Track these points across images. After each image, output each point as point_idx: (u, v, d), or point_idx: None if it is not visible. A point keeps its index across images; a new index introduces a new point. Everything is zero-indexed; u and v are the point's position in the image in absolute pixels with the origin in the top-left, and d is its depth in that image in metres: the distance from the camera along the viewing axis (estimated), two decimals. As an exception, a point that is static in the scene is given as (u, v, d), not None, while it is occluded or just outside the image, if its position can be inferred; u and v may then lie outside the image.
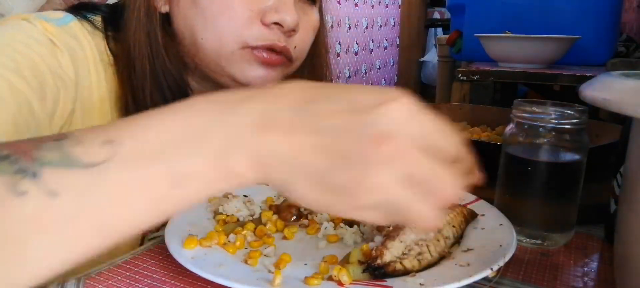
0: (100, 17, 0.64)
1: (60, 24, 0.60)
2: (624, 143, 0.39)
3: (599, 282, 0.45)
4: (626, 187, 0.37)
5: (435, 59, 3.19)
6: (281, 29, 0.60)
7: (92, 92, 0.60)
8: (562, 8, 1.55)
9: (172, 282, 0.42)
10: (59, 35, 0.58)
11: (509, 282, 0.44)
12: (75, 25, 0.61)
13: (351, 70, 3.49)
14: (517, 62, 1.39)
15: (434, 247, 0.43)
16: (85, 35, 0.61)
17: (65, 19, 0.61)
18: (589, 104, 0.35)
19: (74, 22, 0.61)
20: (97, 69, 0.61)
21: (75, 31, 0.60)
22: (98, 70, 0.61)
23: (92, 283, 0.42)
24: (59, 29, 0.59)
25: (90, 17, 0.63)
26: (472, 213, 0.50)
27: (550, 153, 0.49)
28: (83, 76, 0.59)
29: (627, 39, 1.85)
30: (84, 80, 0.59)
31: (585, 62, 1.51)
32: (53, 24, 0.58)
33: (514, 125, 0.51)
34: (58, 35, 0.58)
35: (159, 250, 0.48)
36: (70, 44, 0.58)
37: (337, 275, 0.39)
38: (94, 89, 0.60)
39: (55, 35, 0.57)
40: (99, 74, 0.61)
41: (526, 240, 0.51)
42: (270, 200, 0.57)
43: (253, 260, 0.43)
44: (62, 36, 0.58)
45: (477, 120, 0.93)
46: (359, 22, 3.54)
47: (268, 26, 0.59)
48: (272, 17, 0.58)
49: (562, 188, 0.50)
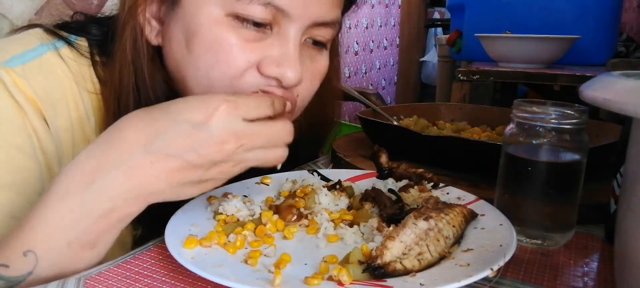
0: (85, 41, 0.60)
1: (30, 58, 0.55)
2: (624, 143, 0.39)
3: (599, 282, 0.45)
4: (626, 187, 0.37)
5: (435, 59, 3.20)
6: (280, 85, 0.53)
7: (73, 129, 0.57)
8: (562, 8, 1.55)
9: (172, 282, 0.42)
10: (28, 85, 0.54)
11: (509, 282, 0.44)
12: (51, 56, 0.57)
13: (351, 70, 3.49)
14: (517, 62, 1.39)
15: (434, 247, 0.43)
16: (62, 68, 0.57)
17: (39, 50, 0.57)
18: (589, 104, 0.35)
19: (50, 54, 0.57)
20: (77, 104, 0.57)
21: (51, 64, 0.56)
22: (78, 106, 0.57)
23: (92, 283, 0.42)
24: (29, 69, 0.54)
25: (75, 41, 0.59)
26: (472, 213, 0.50)
27: (550, 153, 0.49)
28: (62, 120, 0.56)
29: (627, 39, 1.85)
30: (64, 123, 0.56)
31: (585, 62, 1.51)
32: (22, 67, 0.54)
33: (514, 125, 0.51)
34: (28, 87, 0.53)
35: (159, 250, 0.48)
36: (42, 85, 0.55)
37: (337, 275, 0.39)
38: (75, 125, 0.57)
39: (24, 89, 0.53)
40: (79, 109, 0.57)
41: (526, 240, 0.51)
42: (270, 200, 0.57)
43: (253, 260, 0.43)
44: (33, 82, 0.54)
45: (477, 120, 0.93)
46: (359, 22, 3.54)
47: (266, 78, 0.53)
48: (272, 71, 0.52)
49: (562, 188, 0.50)
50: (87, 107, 0.58)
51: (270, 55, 0.52)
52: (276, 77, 0.52)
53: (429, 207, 0.48)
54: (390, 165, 0.64)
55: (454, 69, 2.26)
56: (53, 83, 0.56)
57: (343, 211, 0.54)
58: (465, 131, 0.86)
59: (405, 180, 0.60)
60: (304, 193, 0.55)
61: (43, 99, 0.54)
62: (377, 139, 0.81)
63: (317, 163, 0.80)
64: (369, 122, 0.82)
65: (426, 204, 0.49)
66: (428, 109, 0.99)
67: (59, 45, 0.58)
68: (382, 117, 0.89)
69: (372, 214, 0.52)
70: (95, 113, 0.59)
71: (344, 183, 0.60)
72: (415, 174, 0.61)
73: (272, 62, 0.52)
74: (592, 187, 0.55)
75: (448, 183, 0.61)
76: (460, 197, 0.57)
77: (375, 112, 0.92)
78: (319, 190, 0.55)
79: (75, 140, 0.58)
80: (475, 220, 0.50)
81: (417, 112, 0.95)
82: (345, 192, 0.57)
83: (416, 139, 0.74)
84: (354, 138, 0.91)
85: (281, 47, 0.52)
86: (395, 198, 0.55)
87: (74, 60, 0.58)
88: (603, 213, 0.53)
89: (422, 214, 0.45)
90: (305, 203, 0.54)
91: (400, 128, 0.80)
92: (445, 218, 0.46)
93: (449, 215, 0.46)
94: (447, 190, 0.59)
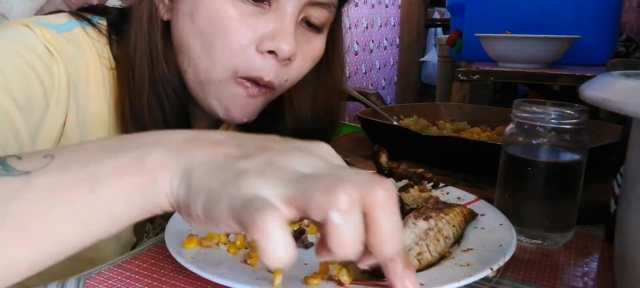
0: (105, 21, 0.63)
1: (61, 30, 0.58)
2: (624, 143, 0.39)
3: (599, 282, 0.45)
4: (626, 187, 0.37)
5: (435, 59, 3.20)
6: (276, 58, 0.56)
7: (89, 100, 0.59)
8: (562, 8, 1.55)
9: (172, 282, 0.42)
10: (57, 43, 0.56)
11: (509, 282, 0.44)
12: (79, 31, 0.60)
13: (351, 70, 3.49)
14: (517, 62, 1.39)
15: (434, 247, 0.43)
16: (88, 42, 0.60)
17: (68, 25, 0.60)
18: (589, 104, 0.35)
19: (78, 29, 0.60)
20: (97, 77, 0.59)
21: (79, 38, 0.59)
22: (98, 79, 0.59)
23: (92, 284, 0.42)
24: (59, 36, 0.57)
25: (96, 21, 0.62)
26: (472, 213, 0.50)
27: (550, 153, 0.49)
28: (81, 86, 0.58)
29: (627, 39, 1.85)
30: (82, 89, 0.58)
31: (585, 62, 1.51)
32: (53, 31, 0.57)
33: (514, 125, 0.51)
34: (57, 44, 0.56)
35: (159, 250, 0.48)
36: (69, 52, 0.57)
37: (337, 275, 0.39)
38: (92, 97, 0.59)
39: (54, 43, 0.56)
40: (99, 82, 0.60)
41: (526, 240, 0.51)
42: (270, 200, 0.57)
43: (253, 260, 0.43)
44: (61, 44, 0.57)
45: (477, 120, 0.93)
46: (359, 22, 3.54)
47: (262, 54, 0.56)
48: (267, 45, 0.55)
49: (562, 188, 0.50)
50: (106, 85, 0.61)
51: (267, 31, 0.56)
52: (272, 50, 0.55)
53: (429, 207, 0.48)
54: (390, 165, 0.64)
55: (454, 69, 2.26)
56: (79, 54, 0.58)
57: (343, 211, 0.54)
58: (465, 131, 0.87)
59: (405, 180, 0.60)
60: (304, 193, 0.55)
61: (68, 61, 0.57)
62: (377, 138, 0.81)
63: (317, 163, 0.79)
64: (369, 122, 0.82)
65: (426, 204, 0.49)
66: (428, 109, 0.99)
67: (85, 25, 0.61)
68: (382, 117, 0.89)
69: (372, 214, 0.52)
70: (109, 89, 0.61)
71: (344, 183, 0.60)
72: (415, 174, 0.61)
73: (267, 37, 0.56)
74: (592, 187, 0.55)
75: (448, 183, 0.61)
76: (460, 197, 0.57)
77: (375, 112, 0.92)
78: (319, 190, 0.55)
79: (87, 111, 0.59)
80: (475, 220, 0.50)
81: (417, 112, 0.95)
82: (345, 192, 0.57)
83: (416, 138, 0.74)
84: (354, 138, 0.91)
85: (278, 21, 0.56)
86: (395, 198, 0.55)
87: (96, 38, 0.61)
88: (603, 213, 0.53)
89: (422, 214, 0.45)
90: (305, 203, 0.54)
91: (400, 128, 0.81)
92: (445, 218, 0.46)
93: (449, 215, 0.46)
94: (447, 190, 0.59)
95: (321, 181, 0.28)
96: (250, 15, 0.56)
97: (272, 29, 0.56)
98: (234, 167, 0.30)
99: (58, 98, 0.56)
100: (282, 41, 0.55)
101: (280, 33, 0.55)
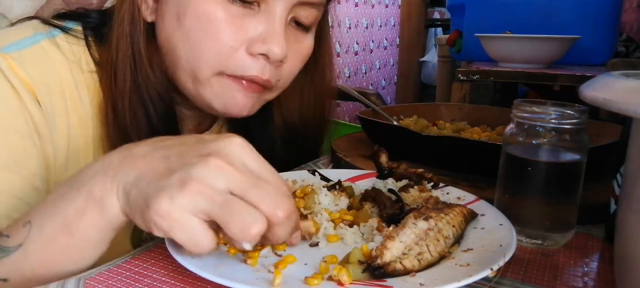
0: (80, 26, 0.61)
1: (26, 45, 0.56)
2: (624, 143, 0.39)
3: (599, 282, 0.45)
4: (626, 187, 0.37)
5: (435, 59, 3.20)
6: (268, 60, 0.56)
7: (69, 114, 0.58)
8: (562, 8, 1.56)
9: (172, 282, 0.42)
10: (25, 69, 0.54)
11: (509, 282, 0.44)
12: (47, 44, 0.58)
13: (351, 70, 3.49)
14: (517, 62, 1.39)
15: (434, 247, 0.43)
16: (57, 54, 0.58)
17: (34, 38, 0.57)
18: (589, 104, 0.35)
19: (45, 41, 0.58)
20: (71, 88, 0.58)
21: (46, 51, 0.57)
22: (73, 89, 0.58)
23: (92, 284, 0.42)
24: (26, 57, 0.55)
25: (69, 27, 0.60)
26: (472, 213, 0.50)
27: (550, 153, 0.49)
28: (57, 105, 0.57)
29: (627, 39, 1.85)
30: (59, 108, 0.57)
31: (585, 62, 1.51)
32: (18, 53, 0.55)
33: (514, 125, 0.51)
34: (24, 72, 0.54)
35: (159, 250, 0.48)
36: (38, 71, 0.55)
37: (337, 275, 0.39)
38: (71, 110, 0.58)
39: (21, 74, 0.54)
40: (77, 91, 0.58)
41: (526, 240, 0.51)
42: (270, 200, 0.57)
43: (253, 260, 0.43)
44: (28, 67, 0.55)
45: (477, 120, 0.93)
46: (359, 22, 3.54)
47: (254, 56, 0.56)
48: (258, 48, 0.55)
49: (562, 188, 0.50)
50: (83, 93, 0.59)
51: (257, 34, 0.56)
52: (263, 53, 0.55)
53: (429, 207, 0.48)
54: (390, 165, 0.64)
55: (454, 69, 2.26)
56: (48, 69, 0.57)
57: (343, 211, 0.54)
58: (465, 131, 0.86)
59: (405, 180, 0.60)
60: (304, 193, 0.55)
61: (38, 83, 0.55)
62: (377, 139, 0.81)
63: (317, 164, 0.80)
64: (369, 122, 0.82)
65: (426, 204, 0.49)
66: (428, 109, 0.99)
67: (55, 33, 0.59)
68: (382, 117, 0.89)
69: (372, 214, 0.52)
70: (91, 94, 0.59)
71: (344, 183, 0.60)
72: (415, 174, 0.61)
73: (258, 40, 0.55)
74: (592, 187, 0.55)
75: (448, 183, 0.61)
76: (460, 197, 0.57)
77: (375, 112, 0.92)
78: (319, 190, 0.55)
79: (70, 125, 0.58)
80: (475, 220, 0.50)
81: (417, 112, 0.95)
82: (345, 192, 0.57)
83: (416, 138, 0.74)
84: (354, 138, 0.91)
85: (267, 23, 0.56)
86: (395, 198, 0.55)
87: (69, 46, 0.59)
88: (603, 213, 0.53)
89: (422, 214, 0.45)
90: (305, 203, 0.54)
91: (400, 128, 0.80)
92: (445, 218, 0.46)
93: (449, 215, 0.46)
94: (447, 190, 0.59)
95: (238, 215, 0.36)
96: (240, 17, 0.55)
97: (262, 32, 0.55)
98: (158, 184, 0.38)
99: (41, 135, 0.55)
100: (273, 44, 0.55)
101: (271, 36, 0.55)
